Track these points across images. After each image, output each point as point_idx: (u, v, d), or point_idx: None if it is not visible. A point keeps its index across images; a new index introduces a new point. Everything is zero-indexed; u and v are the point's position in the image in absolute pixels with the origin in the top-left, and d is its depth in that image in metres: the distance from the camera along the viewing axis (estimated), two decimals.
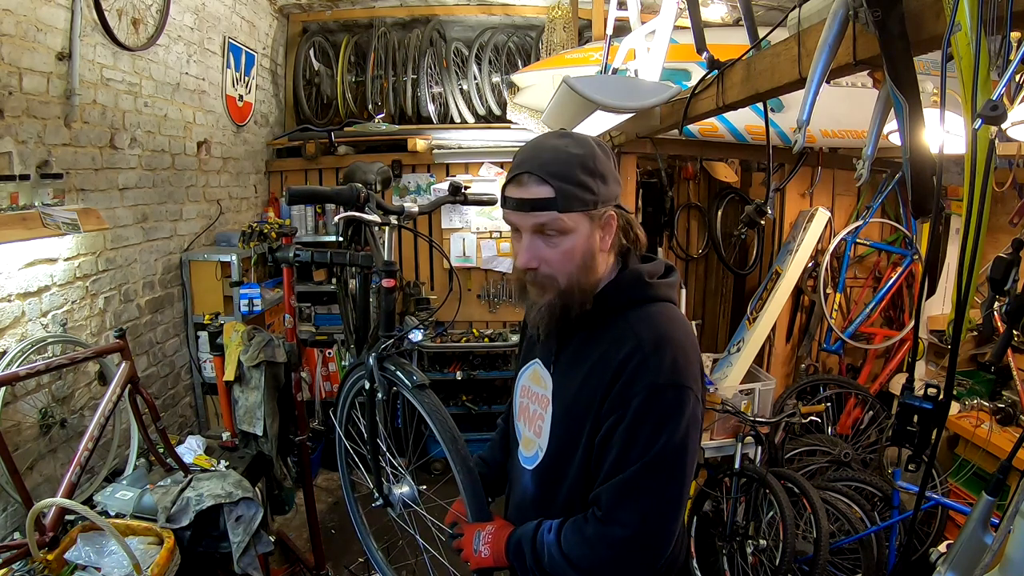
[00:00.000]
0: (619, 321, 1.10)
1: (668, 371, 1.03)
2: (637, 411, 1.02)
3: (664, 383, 1.02)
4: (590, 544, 1.07)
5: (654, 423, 1.02)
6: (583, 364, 1.12)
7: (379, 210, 1.80)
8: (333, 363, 4.20)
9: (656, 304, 1.12)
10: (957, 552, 1.09)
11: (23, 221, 2.03)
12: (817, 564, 2.46)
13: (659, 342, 1.05)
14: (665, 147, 3.26)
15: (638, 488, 1.03)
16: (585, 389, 1.10)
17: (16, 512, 2.04)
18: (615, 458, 1.04)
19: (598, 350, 1.10)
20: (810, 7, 1.37)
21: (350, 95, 4.48)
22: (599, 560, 1.06)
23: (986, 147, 0.88)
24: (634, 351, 1.04)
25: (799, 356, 3.68)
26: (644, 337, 1.06)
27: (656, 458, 1.02)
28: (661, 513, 1.04)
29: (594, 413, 1.08)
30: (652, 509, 1.04)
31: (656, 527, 1.04)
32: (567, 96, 2.05)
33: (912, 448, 1.06)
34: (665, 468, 1.03)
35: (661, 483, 1.03)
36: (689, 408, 1.04)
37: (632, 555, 1.04)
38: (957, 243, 1.39)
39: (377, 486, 1.68)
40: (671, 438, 1.02)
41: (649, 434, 1.02)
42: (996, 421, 2.82)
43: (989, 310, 1.61)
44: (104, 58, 2.54)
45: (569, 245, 1.08)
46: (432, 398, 1.46)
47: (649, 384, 1.02)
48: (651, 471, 1.02)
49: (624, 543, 1.04)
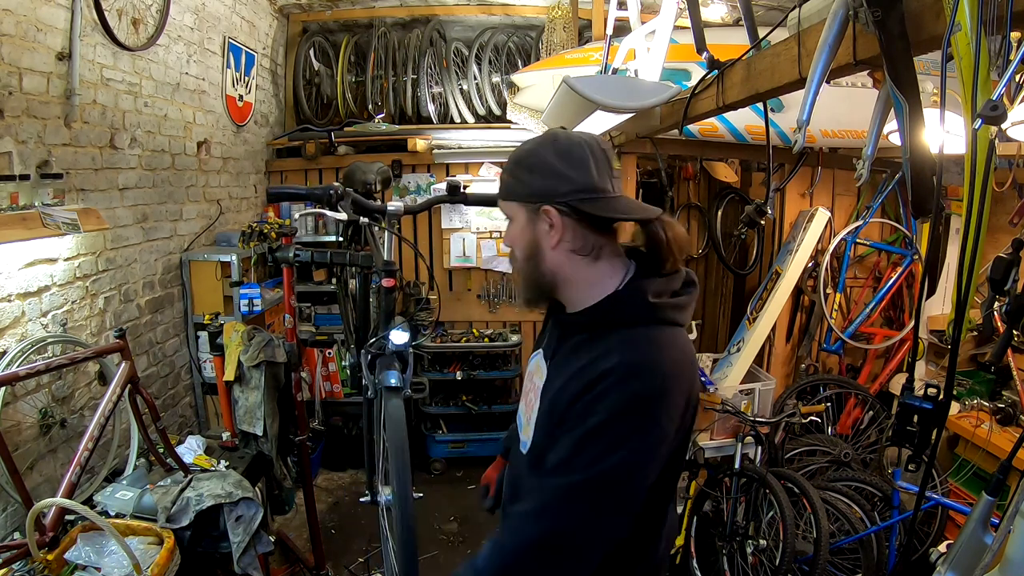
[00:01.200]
0: (612, 336, 1.06)
1: (636, 401, 0.99)
2: (595, 427, 0.99)
3: (628, 411, 0.99)
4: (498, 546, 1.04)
5: (607, 444, 0.98)
6: (571, 366, 1.08)
7: (360, 209, 1.81)
8: (333, 363, 4.20)
9: (654, 328, 1.06)
10: (957, 552, 1.09)
11: (23, 221, 2.03)
12: (817, 564, 2.46)
13: (637, 370, 1.00)
14: (665, 147, 3.26)
15: (574, 497, 0.99)
16: (564, 392, 1.07)
17: (16, 512, 2.04)
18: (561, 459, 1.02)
19: (587, 357, 1.06)
20: (810, 7, 1.37)
21: (350, 95, 4.48)
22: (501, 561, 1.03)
23: (986, 147, 0.88)
24: (611, 371, 1.00)
25: (799, 356, 3.68)
26: (625, 361, 1.01)
27: (600, 477, 0.98)
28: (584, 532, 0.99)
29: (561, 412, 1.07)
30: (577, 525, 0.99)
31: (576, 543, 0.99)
32: (567, 96, 2.05)
33: (912, 448, 1.06)
34: (606, 490, 0.99)
35: (596, 503, 0.99)
36: (648, 443, 1.00)
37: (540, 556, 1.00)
38: (957, 243, 1.38)
39: (369, 484, 1.70)
40: (621, 463, 0.98)
41: (600, 452, 0.98)
42: (996, 421, 2.82)
43: (989, 310, 1.61)
44: (104, 58, 2.54)
45: (513, 231, 1.14)
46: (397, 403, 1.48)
47: (611, 407, 0.98)
48: (592, 487, 0.98)
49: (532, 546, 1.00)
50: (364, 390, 1.73)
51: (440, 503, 3.70)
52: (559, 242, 1.08)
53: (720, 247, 3.96)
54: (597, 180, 1.06)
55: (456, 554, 3.28)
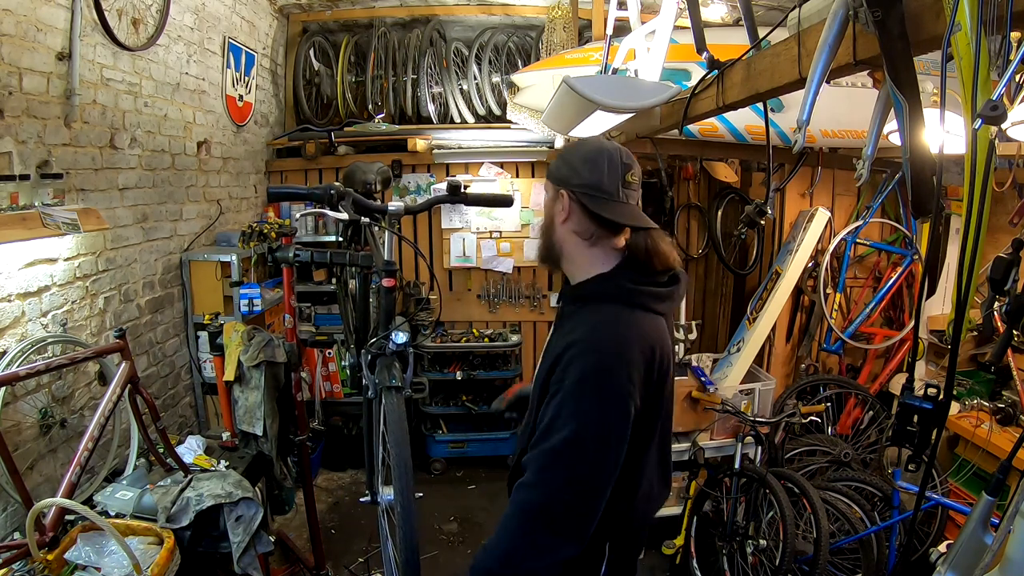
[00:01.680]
0: (588, 308, 1.25)
1: (595, 371, 1.15)
2: (567, 392, 1.15)
3: (590, 378, 1.14)
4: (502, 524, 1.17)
5: (575, 409, 1.14)
6: (560, 336, 1.26)
7: (360, 209, 1.81)
8: (333, 363, 4.20)
9: (625, 308, 1.23)
10: (957, 552, 1.09)
11: (23, 221, 2.03)
12: (817, 564, 2.46)
13: (596, 344, 1.17)
14: (665, 147, 3.26)
15: (557, 458, 1.14)
16: (545, 364, 1.25)
17: (16, 512, 2.04)
18: (544, 427, 1.16)
19: (570, 326, 1.25)
20: (810, 7, 1.37)
21: (350, 95, 4.48)
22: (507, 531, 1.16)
23: (986, 147, 0.88)
24: (575, 343, 1.17)
25: (799, 356, 3.68)
26: (591, 330, 1.19)
27: (575, 436, 1.12)
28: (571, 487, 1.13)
29: (542, 381, 1.24)
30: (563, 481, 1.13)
31: (565, 498, 1.13)
32: (567, 96, 2.05)
33: (912, 448, 1.06)
34: (580, 447, 1.13)
35: (575, 460, 1.13)
36: (611, 406, 1.14)
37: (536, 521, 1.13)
38: (957, 243, 1.38)
39: (369, 484, 1.70)
40: (591, 422, 1.13)
41: (572, 413, 1.13)
42: (996, 421, 2.82)
43: (989, 310, 1.60)
44: (104, 58, 2.54)
45: (544, 201, 1.39)
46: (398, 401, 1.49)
47: (577, 376, 1.14)
48: (569, 446, 1.13)
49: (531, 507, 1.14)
50: (364, 390, 1.73)
51: (440, 503, 3.70)
52: (566, 220, 1.29)
53: (720, 247, 3.96)
54: (605, 184, 1.25)
55: (456, 554, 3.28)
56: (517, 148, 4.33)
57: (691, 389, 3.11)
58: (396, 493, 1.43)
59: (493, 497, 3.76)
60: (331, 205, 1.81)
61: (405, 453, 1.45)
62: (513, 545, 1.14)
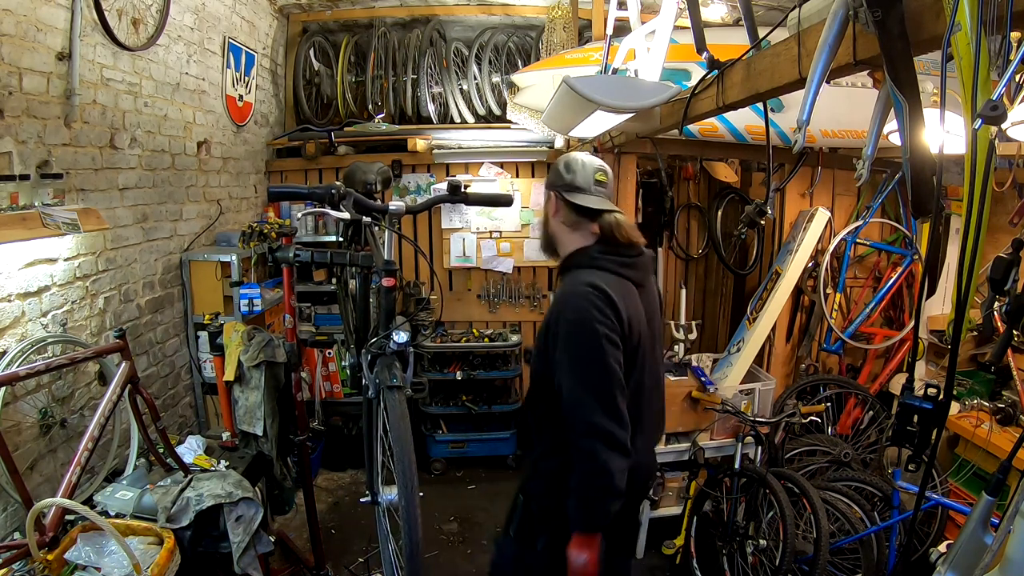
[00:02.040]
0: (570, 274, 1.66)
1: (576, 309, 1.55)
2: (563, 337, 1.55)
3: (576, 318, 1.54)
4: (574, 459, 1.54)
5: (574, 342, 1.54)
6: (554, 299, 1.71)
7: (361, 208, 1.81)
8: (333, 363, 4.20)
9: (594, 271, 1.62)
10: (957, 552, 1.09)
11: (23, 221, 2.03)
12: (817, 564, 2.46)
13: (572, 293, 1.59)
14: (665, 147, 3.26)
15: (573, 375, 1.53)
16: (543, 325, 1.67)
17: (16, 512, 2.04)
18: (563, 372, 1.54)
19: (558, 290, 1.68)
20: (810, 7, 1.37)
21: (350, 95, 4.48)
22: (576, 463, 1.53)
23: (986, 147, 0.88)
24: (556, 297, 1.67)
25: (799, 356, 3.68)
26: (564, 290, 1.63)
27: (579, 359, 1.53)
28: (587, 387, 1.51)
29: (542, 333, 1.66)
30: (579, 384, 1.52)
31: (583, 394, 1.51)
32: (567, 96, 2.05)
33: (912, 448, 1.06)
34: (586, 363, 1.52)
35: (585, 372, 1.52)
36: (591, 330, 1.52)
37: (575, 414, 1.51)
38: (957, 243, 1.38)
39: (369, 484, 1.70)
40: (586, 346, 1.52)
41: (574, 347, 1.54)
42: (996, 421, 2.82)
43: (989, 310, 1.60)
44: (104, 58, 2.54)
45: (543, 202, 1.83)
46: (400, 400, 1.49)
47: (566, 319, 1.56)
48: (578, 364, 1.53)
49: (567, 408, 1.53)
50: (364, 390, 1.73)
51: (440, 503, 3.70)
52: (555, 213, 1.73)
53: (720, 247, 3.96)
54: (579, 182, 1.68)
55: (456, 554, 3.28)
56: (517, 148, 4.33)
57: (691, 389, 3.11)
58: (400, 490, 1.43)
59: (493, 497, 3.76)
60: (333, 205, 1.81)
61: (408, 451, 1.45)
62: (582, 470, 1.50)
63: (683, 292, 3.84)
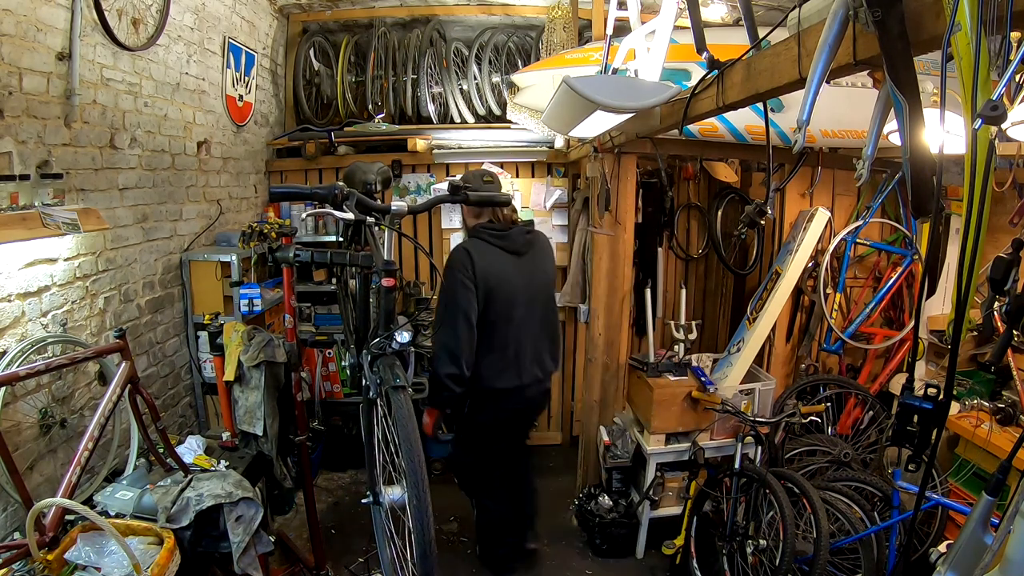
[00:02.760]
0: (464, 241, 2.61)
1: (450, 260, 2.54)
2: (442, 276, 2.53)
3: (448, 265, 2.53)
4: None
5: (445, 280, 2.52)
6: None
7: (363, 209, 1.81)
8: (333, 363, 4.19)
9: (473, 239, 2.60)
10: (957, 552, 1.09)
11: (23, 221, 2.03)
12: (817, 564, 2.46)
13: (454, 250, 2.60)
14: (665, 147, 3.26)
15: (440, 304, 2.55)
16: None
17: (16, 512, 2.04)
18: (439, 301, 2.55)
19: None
20: (810, 7, 1.37)
21: (350, 95, 4.47)
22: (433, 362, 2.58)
23: (986, 147, 0.88)
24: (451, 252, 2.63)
25: (799, 356, 3.68)
26: (452, 251, 2.60)
27: (443, 290, 2.53)
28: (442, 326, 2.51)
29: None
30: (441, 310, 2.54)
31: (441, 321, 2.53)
32: (567, 96, 2.05)
33: (912, 448, 1.06)
34: (446, 294, 2.51)
35: (444, 301, 2.53)
36: (453, 277, 2.49)
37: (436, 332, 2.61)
38: (957, 243, 1.38)
39: (371, 484, 1.70)
40: (447, 283, 2.51)
41: (444, 283, 2.52)
42: (996, 421, 2.82)
43: (989, 310, 1.60)
44: (104, 58, 2.54)
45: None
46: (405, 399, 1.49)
47: (446, 265, 2.55)
48: (443, 294, 2.53)
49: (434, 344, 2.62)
50: (364, 390, 1.73)
51: (440, 503, 3.69)
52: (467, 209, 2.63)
53: (720, 247, 3.95)
54: (472, 184, 2.47)
55: (456, 554, 3.28)
56: (517, 148, 4.33)
57: (691, 389, 3.11)
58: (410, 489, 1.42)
59: None
60: (336, 205, 1.81)
61: (417, 450, 1.44)
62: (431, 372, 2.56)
63: (683, 292, 3.84)
